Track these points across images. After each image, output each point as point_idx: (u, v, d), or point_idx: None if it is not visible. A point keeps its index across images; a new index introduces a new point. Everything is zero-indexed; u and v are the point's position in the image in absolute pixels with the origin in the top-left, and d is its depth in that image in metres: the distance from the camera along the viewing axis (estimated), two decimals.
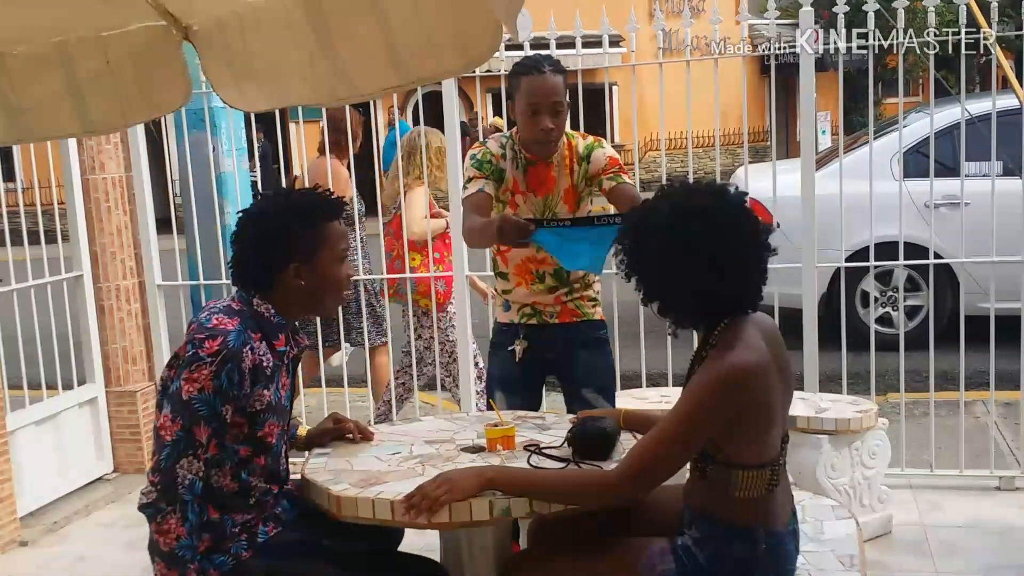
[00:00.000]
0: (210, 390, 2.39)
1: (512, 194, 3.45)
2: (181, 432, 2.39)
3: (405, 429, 3.09)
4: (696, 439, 2.31)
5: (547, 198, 3.47)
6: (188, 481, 2.38)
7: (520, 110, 3.36)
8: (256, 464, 2.56)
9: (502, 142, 3.48)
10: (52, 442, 4.86)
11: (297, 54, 2.47)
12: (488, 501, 2.39)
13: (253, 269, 2.61)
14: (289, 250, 2.56)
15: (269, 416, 2.55)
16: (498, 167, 3.42)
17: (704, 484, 2.42)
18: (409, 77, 2.37)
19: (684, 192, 2.45)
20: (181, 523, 2.37)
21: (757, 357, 2.29)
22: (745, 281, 2.39)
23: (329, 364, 5.45)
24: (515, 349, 3.52)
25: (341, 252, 2.63)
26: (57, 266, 5.04)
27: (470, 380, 4.92)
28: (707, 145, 19.70)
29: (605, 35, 4.56)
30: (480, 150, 3.47)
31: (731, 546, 2.37)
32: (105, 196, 5.11)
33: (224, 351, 2.41)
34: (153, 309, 5.19)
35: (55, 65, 2.83)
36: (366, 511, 2.45)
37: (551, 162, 3.45)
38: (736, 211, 2.40)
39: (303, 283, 2.58)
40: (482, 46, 2.18)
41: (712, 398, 2.27)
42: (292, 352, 2.65)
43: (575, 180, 3.47)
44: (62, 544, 4.44)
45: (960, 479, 4.50)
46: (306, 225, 2.57)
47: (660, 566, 2.41)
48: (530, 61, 3.36)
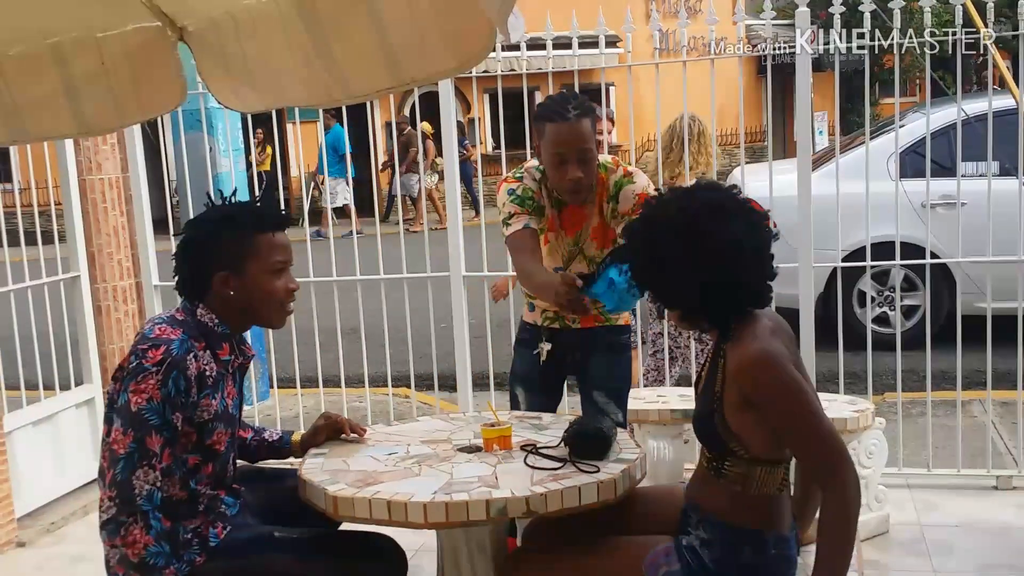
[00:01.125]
0: (158, 399, 2.40)
1: (544, 231, 3.35)
2: (134, 444, 2.39)
3: (402, 429, 3.10)
4: (814, 402, 2.31)
5: (577, 236, 3.37)
6: (146, 492, 2.39)
7: (547, 159, 3.20)
8: (204, 473, 2.57)
9: (536, 177, 3.32)
10: (49, 443, 4.85)
11: (292, 55, 2.47)
12: (485, 501, 2.39)
13: (185, 277, 2.63)
14: (215, 258, 2.57)
15: (217, 425, 2.55)
16: (538, 204, 3.29)
17: (718, 484, 2.42)
18: (403, 78, 2.37)
19: (685, 194, 2.46)
20: (145, 532, 2.37)
21: (777, 346, 2.33)
22: (755, 274, 2.40)
23: None
24: (540, 351, 3.48)
25: (274, 264, 2.61)
26: (54, 267, 5.03)
27: (467, 380, 4.92)
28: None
29: (602, 35, 4.56)
30: (518, 186, 3.31)
31: (740, 550, 2.37)
32: (102, 197, 5.11)
33: (168, 359, 2.42)
34: (150, 309, 5.18)
35: (50, 66, 2.82)
36: (363, 511, 2.46)
37: (585, 200, 3.31)
38: (739, 205, 2.41)
39: (232, 293, 2.58)
40: (476, 47, 2.19)
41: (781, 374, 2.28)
42: (237, 361, 2.65)
43: (605, 217, 3.34)
44: (59, 545, 4.44)
45: (957, 478, 4.50)
46: (234, 234, 2.58)
47: (665, 567, 2.40)
48: (554, 105, 3.16)
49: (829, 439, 2.28)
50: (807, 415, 2.29)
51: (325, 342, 5.19)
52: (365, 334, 5.06)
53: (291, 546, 2.57)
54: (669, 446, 4.04)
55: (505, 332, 5.12)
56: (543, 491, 2.43)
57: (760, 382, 2.29)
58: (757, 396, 2.30)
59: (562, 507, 2.45)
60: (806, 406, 2.29)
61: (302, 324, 5.03)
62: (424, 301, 5.03)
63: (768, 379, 2.29)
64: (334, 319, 5.23)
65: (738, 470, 2.39)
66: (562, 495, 2.44)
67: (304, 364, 5.48)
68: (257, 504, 2.76)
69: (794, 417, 2.29)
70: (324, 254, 5.10)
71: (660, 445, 4.02)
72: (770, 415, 2.31)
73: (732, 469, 2.40)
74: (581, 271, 3.16)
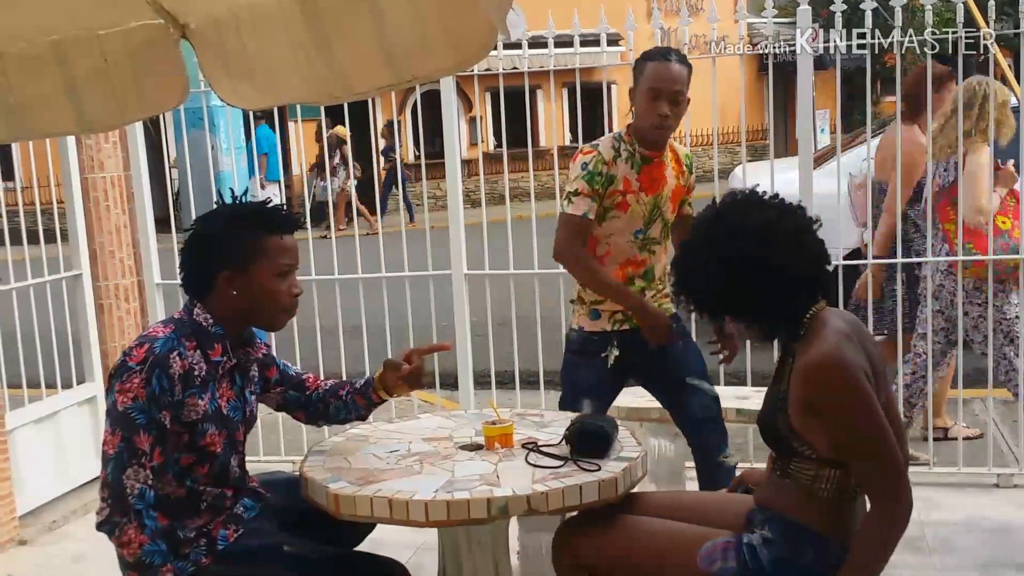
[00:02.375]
0: (143, 398, 2.40)
1: (623, 195, 3.39)
2: (122, 443, 2.39)
3: (403, 427, 3.10)
4: (880, 418, 2.23)
5: (657, 197, 3.45)
6: (137, 490, 2.38)
7: (641, 93, 3.36)
8: (199, 473, 2.55)
9: (614, 144, 3.42)
10: (51, 441, 4.86)
11: (293, 52, 2.47)
12: (486, 499, 2.39)
13: (189, 275, 2.63)
14: (220, 258, 2.56)
15: (208, 426, 2.53)
16: (608, 175, 3.36)
17: (786, 485, 2.36)
18: (403, 76, 2.36)
19: (736, 208, 2.41)
20: (140, 531, 2.36)
21: (847, 352, 2.24)
22: (798, 259, 2.35)
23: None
24: (607, 356, 3.47)
25: (281, 266, 2.59)
26: (56, 265, 5.04)
27: (469, 379, 4.92)
28: (706, 144, 19.71)
29: (603, 34, 4.56)
30: (592, 157, 3.39)
31: (802, 552, 2.30)
32: (104, 195, 5.11)
33: (150, 357, 2.42)
34: (152, 308, 5.19)
35: (52, 63, 2.82)
36: (364, 509, 2.46)
37: (663, 160, 3.45)
38: (764, 198, 2.39)
39: (235, 293, 2.57)
40: (476, 45, 2.19)
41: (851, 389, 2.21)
42: (230, 363, 2.62)
43: (683, 183, 3.54)
44: (61, 543, 4.44)
45: (958, 476, 4.50)
46: (240, 235, 2.56)
47: (720, 562, 2.35)
48: (658, 50, 3.41)
49: (889, 462, 2.21)
50: (867, 432, 2.21)
51: (327, 340, 5.19)
52: (367, 332, 5.06)
53: (298, 564, 2.55)
54: (670, 444, 4.04)
55: (506, 331, 5.13)
56: (544, 489, 2.43)
57: (823, 388, 2.23)
58: (820, 402, 2.24)
59: (563, 505, 2.46)
60: (868, 421, 2.21)
61: (304, 322, 5.04)
62: (426, 299, 5.04)
63: (832, 387, 2.22)
64: (336, 317, 5.23)
65: (806, 470, 2.32)
66: (563, 493, 2.44)
67: (306, 362, 5.47)
68: (283, 509, 2.73)
69: (854, 431, 2.22)
70: (326, 252, 5.10)
71: (661, 443, 4.02)
72: (830, 424, 2.24)
73: (800, 469, 2.33)
74: (657, 235, 3.46)
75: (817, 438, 2.28)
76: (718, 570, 2.34)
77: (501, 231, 4.98)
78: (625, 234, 3.43)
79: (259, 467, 4.67)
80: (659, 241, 3.50)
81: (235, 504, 2.65)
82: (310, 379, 2.95)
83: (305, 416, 2.95)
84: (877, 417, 2.22)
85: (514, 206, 5.44)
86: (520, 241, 4.91)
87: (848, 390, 2.21)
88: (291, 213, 2.70)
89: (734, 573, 2.33)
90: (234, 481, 2.66)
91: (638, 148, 3.41)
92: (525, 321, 5.11)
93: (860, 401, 2.21)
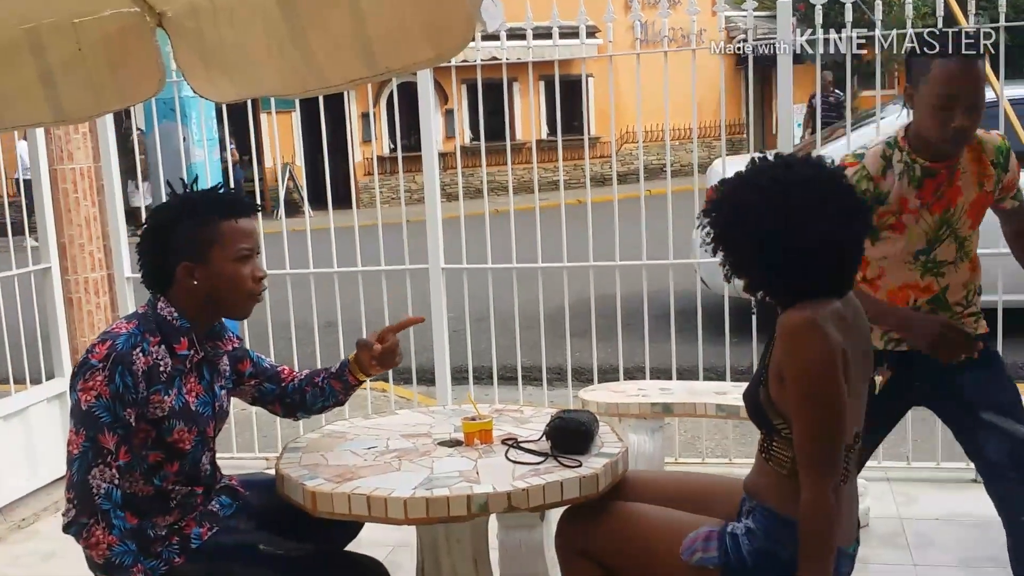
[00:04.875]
0: (107, 396, 2.34)
1: (898, 215, 2.81)
2: (87, 443, 2.33)
3: (381, 423, 3.06)
4: (834, 398, 2.15)
5: (946, 214, 2.83)
6: (104, 490, 2.32)
7: (927, 102, 2.71)
8: (168, 471, 2.50)
9: (885, 152, 2.82)
10: (20, 438, 4.78)
11: (269, 43, 2.43)
12: (466, 496, 2.36)
13: (147, 268, 2.57)
14: (176, 249, 2.51)
15: (176, 422, 2.48)
16: (876, 192, 2.78)
17: (767, 468, 2.31)
18: (378, 69, 2.32)
19: (782, 166, 2.28)
20: (108, 532, 2.31)
21: (826, 324, 2.16)
22: (838, 265, 2.26)
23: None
24: (877, 375, 2.86)
25: (239, 251, 2.53)
26: (24, 258, 4.95)
27: (446, 374, 4.88)
28: (684, 138, 19.76)
29: (582, 26, 4.52)
30: (854, 172, 2.79)
31: (782, 544, 2.22)
32: (73, 187, 5.03)
33: (112, 354, 2.37)
34: (122, 302, 5.11)
35: (26, 52, 2.77)
36: (342, 507, 2.42)
37: (957, 168, 2.81)
38: (840, 187, 2.27)
39: (196, 283, 2.51)
40: (455, 37, 2.14)
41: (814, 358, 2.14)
42: (197, 356, 2.57)
43: (991, 188, 2.85)
44: (31, 541, 4.37)
45: (937, 472, 4.51)
46: (194, 223, 2.51)
47: (701, 552, 2.30)
48: (945, 39, 2.70)
49: (820, 451, 2.14)
50: (816, 406, 2.14)
51: (301, 336, 5.14)
52: (342, 328, 5.01)
53: (272, 563, 2.50)
54: (648, 440, 4.02)
55: (484, 326, 5.10)
56: (525, 486, 2.40)
57: (791, 348, 2.16)
58: (785, 363, 2.17)
59: (544, 502, 2.43)
60: (820, 393, 2.13)
61: (278, 318, 4.98)
62: (402, 294, 4.99)
63: (799, 348, 2.14)
64: (311, 312, 5.18)
65: (785, 452, 2.25)
66: (544, 490, 2.41)
67: (280, 358, 5.41)
68: (260, 508, 2.69)
69: (803, 400, 2.15)
70: (300, 246, 5.04)
71: (640, 439, 4.00)
72: (788, 388, 2.17)
73: (779, 451, 2.27)
74: (948, 256, 2.84)
75: (787, 409, 2.21)
76: (698, 560, 2.30)
77: (478, 225, 4.95)
78: (903, 256, 2.87)
79: (232, 464, 4.62)
80: (951, 262, 2.88)
81: (207, 502, 2.61)
82: (285, 371, 2.89)
83: (282, 409, 2.89)
84: (832, 393, 2.14)
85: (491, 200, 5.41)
86: (497, 235, 4.87)
87: (812, 353, 2.14)
88: (244, 196, 2.63)
89: (715, 563, 2.29)
90: (204, 479, 2.61)
91: (918, 159, 2.80)
92: (503, 316, 5.08)
93: (821, 371, 2.13)
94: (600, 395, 4.11)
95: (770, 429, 2.30)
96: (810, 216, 2.20)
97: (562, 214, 4.77)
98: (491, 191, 11.40)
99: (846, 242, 2.25)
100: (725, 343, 4.57)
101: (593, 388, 4.30)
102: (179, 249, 2.51)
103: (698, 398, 4.01)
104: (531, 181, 4.99)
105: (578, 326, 5.03)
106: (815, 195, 2.22)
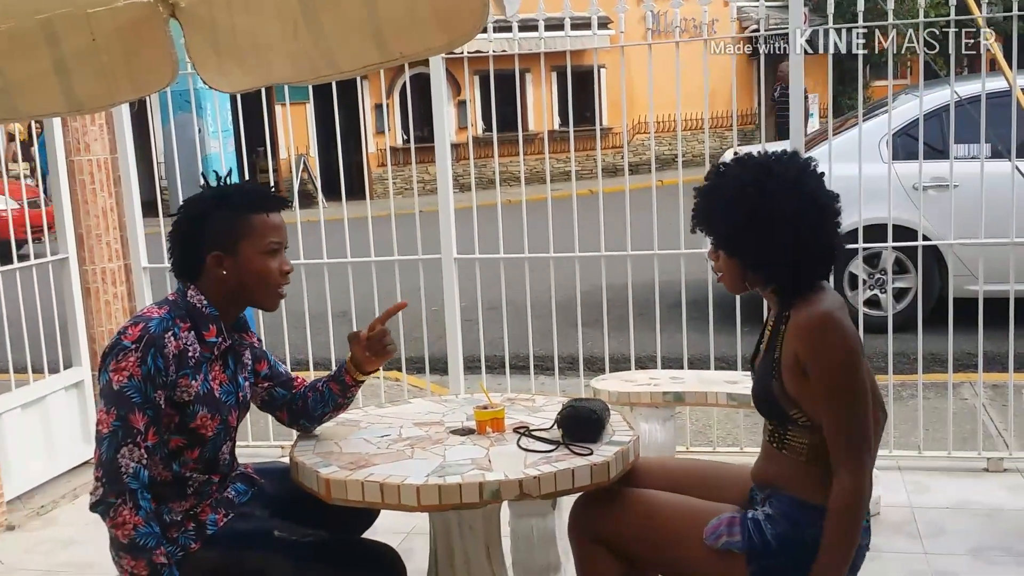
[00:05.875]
0: (139, 376, 2.38)
1: None
2: (117, 422, 2.37)
3: (394, 412, 3.08)
4: (864, 390, 2.23)
5: None
6: (132, 469, 2.36)
7: None
8: (188, 456, 2.54)
9: None
10: (39, 426, 4.82)
11: (281, 27, 2.43)
12: (478, 484, 2.38)
13: (178, 258, 2.62)
14: (208, 239, 2.56)
15: (199, 408, 2.51)
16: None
17: (781, 456, 2.36)
18: (390, 54, 2.32)
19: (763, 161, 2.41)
20: (135, 512, 2.34)
21: (845, 318, 2.24)
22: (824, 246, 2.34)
23: None
24: None
25: (268, 245, 2.58)
26: (42, 248, 4.99)
27: (459, 363, 4.91)
28: (696, 128, 19.70)
29: (594, 16, 4.53)
30: None
31: (805, 527, 2.28)
32: (90, 178, 5.07)
33: (145, 336, 2.41)
34: (139, 292, 5.16)
35: (40, 42, 2.78)
36: (355, 494, 2.45)
37: None
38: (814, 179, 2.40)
39: (225, 273, 2.56)
40: (467, 24, 2.15)
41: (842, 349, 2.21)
42: (224, 343, 2.61)
43: None
44: (49, 528, 4.42)
45: (948, 461, 4.51)
46: (227, 215, 2.56)
47: (726, 536, 2.35)
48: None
49: (857, 438, 2.20)
50: (848, 396, 2.20)
51: (316, 325, 5.17)
52: (356, 317, 5.03)
53: (288, 548, 2.54)
54: (660, 428, 4.04)
55: (496, 315, 5.12)
56: (536, 474, 2.42)
57: (817, 344, 2.22)
58: (811, 359, 2.23)
59: (555, 490, 2.45)
60: (852, 385, 2.20)
61: (292, 307, 5.01)
62: (415, 284, 5.01)
63: (826, 344, 2.21)
64: (325, 302, 5.21)
65: (802, 440, 2.30)
66: (555, 478, 2.43)
67: (294, 347, 5.46)
68: (275, 496, 2.72)
69: (835, 392, 2.21)
70: (314, 237, 5.07)
71: (651, 428, 4.02)
72: (814, 383, 2.23)
73: (795, 439, 2.32)
74: None
75: (807, 402, 2.28)
76: (724, 544, 2.35)
77: (490, 215, 4.96)
78: None
79: (247, 451, 4.67)
80: None
81: (222, 490, 2.64)
82: (298, 380, 2.93)
83: (288, 416, 2.91)
84: (861, 383, 2.22)
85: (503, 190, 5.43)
86: (510, 225, 4.89)
87: (839, 346, 2.22)
88: (277, 192, 2.70)
89: (740, 547, 2.34)
90: (222, 467, 2.65)
91: None
92: (515, 305, 5.10)
93: (849, 362, 2.21)
94: (612, 384, 4.13)
95: (784, 419, 2.34)
96: (818, 206, 2.32)
97: (574, 204, 4.78)
98: (503, 181, 11.40)
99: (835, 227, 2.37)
100: (736, 332, 4.58)
101: (605, 377, 4.32)
102: (210, 240, 2.55)
103: (709, 387, 4.03)
104: (543, 171, 5.01)
105: (590, 315, 5.05)
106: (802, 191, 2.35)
